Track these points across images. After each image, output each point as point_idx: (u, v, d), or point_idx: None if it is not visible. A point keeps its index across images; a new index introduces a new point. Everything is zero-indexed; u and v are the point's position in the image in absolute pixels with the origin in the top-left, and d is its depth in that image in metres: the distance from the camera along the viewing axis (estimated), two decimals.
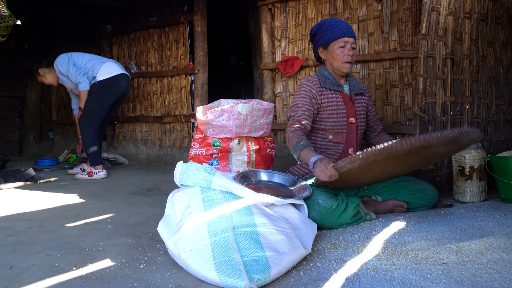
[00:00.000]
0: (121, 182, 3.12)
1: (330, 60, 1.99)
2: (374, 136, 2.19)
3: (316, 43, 2.04)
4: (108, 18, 4.63)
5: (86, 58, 3.43)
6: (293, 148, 1.77)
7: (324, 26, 1.99)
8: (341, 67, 1.96)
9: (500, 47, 2.42)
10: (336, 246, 1.44)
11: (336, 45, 1.94)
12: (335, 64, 1.97)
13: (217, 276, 1.11)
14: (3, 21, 3.18)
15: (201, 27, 3.80)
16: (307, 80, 2.00)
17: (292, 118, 1.92)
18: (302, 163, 2.02)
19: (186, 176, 1.70)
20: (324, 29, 1.98)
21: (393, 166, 1.58)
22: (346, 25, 1.97)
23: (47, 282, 1.19)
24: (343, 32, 1.93)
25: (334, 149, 1.98)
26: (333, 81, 2.00)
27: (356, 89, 2.07)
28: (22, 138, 5.22)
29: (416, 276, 1.14)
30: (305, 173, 2.00)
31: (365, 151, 1.43)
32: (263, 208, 1.49)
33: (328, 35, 1.95)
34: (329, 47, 1.97)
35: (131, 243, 1.55)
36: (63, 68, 3.36)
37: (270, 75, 3.44)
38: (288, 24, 3.35)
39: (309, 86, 1.96)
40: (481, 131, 2.35)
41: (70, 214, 2.06)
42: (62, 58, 3.38)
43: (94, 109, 3.32)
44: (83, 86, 3.31)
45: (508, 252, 1.28)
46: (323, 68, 2.04)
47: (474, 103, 2.32)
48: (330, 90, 1.99)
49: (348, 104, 2.00)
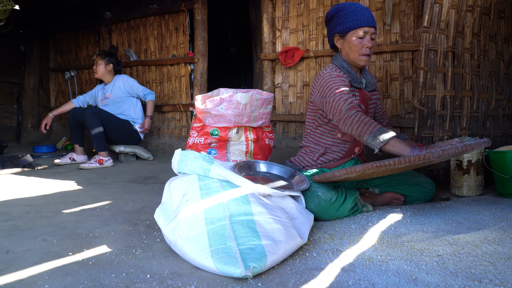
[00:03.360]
0: (119, 170, 3.12)
1: (347, 51, 1.83)
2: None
3: (331, 29, 1.86)
4: (107, 5, 4.59)
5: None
6: (374, 134, 1.55)
7: (342, 11, 1.80)
8: (358, 60, 1.82)
9: (502, 42, 2.40)
10: (332, 237, 1.45)
11: (355, 35, 1.78)
12: (352, 56, 1.82)
13: (213, 263, 1.12)
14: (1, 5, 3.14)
15: (202, 15, 3.77)
16: (335, 71, 1.80)
17: (350, 102, 1.66)
18: (306, 156, 1.97)
19: (184, 164, 1.70)
20: (343, 15, 1.79)
21: (393, 171, 1.58)
22: (367, 12, 1.78)
23: (43, 266, 1.19)
24: (364, 21, 1.75)
25: (341, 147, 1.92)
26: (355, 77, 1.85)
27: (371, 85, 1.96)
28: (20, 124, 5.20)
29: (411, 267, 1.15)
30: (306, 165, 1.98)
31: (365, 165, 1.42)
32: (260, 197, 1.49)
33: (346, 22, 1.77)
34: (346, 36, 1.81)
35: (128, 230, 1.56)
36: (129, 80, 3.67)
37: (270, 65, 3.42)
38: (289, 15, 3.32)
39: (342, 76, 1.80)
40: (480, 125, 2.35)
41: (67, 200, 2.06)
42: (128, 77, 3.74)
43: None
44: (152, 97, 3.62)
45: (503, 245, 1.29)
46: (340, 59, 1.87)
47: (474, 98, 2.31)
48: (351, 86, 1.85)
49: (364, 103, 1.89)
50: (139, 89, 3.62)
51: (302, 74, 3.28)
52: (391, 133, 1.57)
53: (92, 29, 4.69)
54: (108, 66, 3.62)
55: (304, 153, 2.02)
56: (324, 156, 1.94)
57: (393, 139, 1.54)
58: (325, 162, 1.94)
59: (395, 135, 1.57)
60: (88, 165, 3.21)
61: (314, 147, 1.97)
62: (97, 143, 3.30)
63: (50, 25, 5.25)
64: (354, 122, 1.61)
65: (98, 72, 3.63)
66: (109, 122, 3.40)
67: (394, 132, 1.60)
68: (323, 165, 1.94)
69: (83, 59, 4.95)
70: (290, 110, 3.36)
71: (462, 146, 1.36)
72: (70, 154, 3.50)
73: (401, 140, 1.55)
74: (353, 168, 1.45)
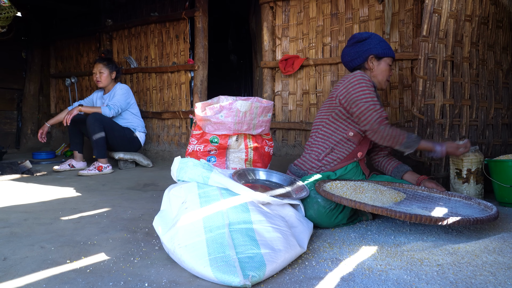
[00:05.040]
0: (118, 177, 3.11)
1: (377, 73, 2.03)
2: (384, 155, 2.16)
3: (367, 50, 2.01)
4: (108, 12, 4.62)
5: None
6: (406, 143, 1.82)
7: (376, 38, 2.03)
8: (383, 83, 2.06)
9: (500, 51, 2.42)
10: (332, 246, 1.44)
11: (387, 61, 2.03)
12: (380, 78, 2.04)
13: (211, 272, 1.11)
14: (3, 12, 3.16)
15: (202, 23, 3.79)
16: (367, 79, 1.93)
17: (380, 113, 1.86)
18: (309, 157, 2.03)
19: (183, 171, 1.70)
20: (378, 41, 2.02)
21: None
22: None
23: (41, 274, 1.18)
24: (393, 53, 2.05)
25: (346, 147, 1.99)
26: (376, 93, 2.00)
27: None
28: (20, 130, 5.20)
29: (411, 276, 1.14)
30: (312, 167, 2.01)
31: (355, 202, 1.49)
32: (259, 206, 1.49)
33: (384, 48, 2.01)
34: (381, 60, 2.02)
35: (126, 237, 1.55)
36: (122, 90, 3.56)
37: (270, 73, 3.43)
38: (290, 23, 3.34)
39: (372, 86, 1.94)
40: (479, 134, 2.35)
41: (66, 207, 2.06)
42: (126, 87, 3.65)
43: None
44: (105, 110, 3.39)
45: (503, 255, 1.29)
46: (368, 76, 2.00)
47: (473, 106, 2.32)
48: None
49: None
50: (115, 100, 3.48)
51: (301, 82, 3.29)
52: (416, 140, 1.84)
53: (93, 36, 4.72)
54: (112, 74, 3.59)
55: (308, 153, 2.05)
56: (329, 156, 1.99)
57: (420, 145, 1.84)
58: (329, 162, 1.99)
59: (419, 139, 1.85)
60: (87, 172, 3.20)
61: (321, 145, 2.01)
62: (98, 150, 3.29)
63: (52, 32, 5.28)
64: (385, 135, 1.85)
65: (103, 81, 3.55)
66: (111, 128, 3.39)
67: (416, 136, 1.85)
68: (327, 166, 1.98)
69: (84, 66, 4.97)
70: (290, 118, 3.37)
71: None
72: (69, 160, 3.49)
73: (425, 141, 1.88)
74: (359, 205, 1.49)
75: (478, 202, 1.74)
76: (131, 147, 3.60)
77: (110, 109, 3.41)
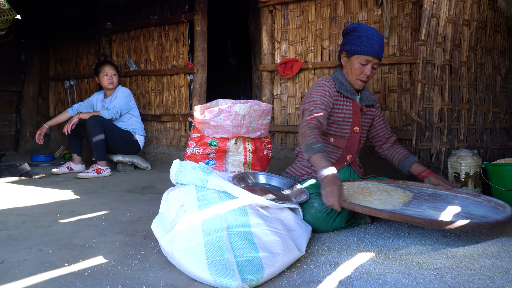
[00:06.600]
0: (117, 179, 3.11)
1: (347, 70, 1.94)
2: (387, 147, 2.11)
3: (342, 45, 1.95)
4: (108, 15, 4.63)
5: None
6: (307, 147, 1.62)
7: (357, 32, 1.87)
8: (353, 82, 1.94)
9: (498, 55, 2.43)
10: (330, 249, 1.44)
11: (358, 60, 1.86)
12: (350, 77, 1.94)
13: (209, 275, 1.11)
14: (3, 14, 3.17)
15: (202, 26, 3.80)
16: (325, 81, 1.95)
17: (310, 114, 1.80)
18: (300, 164, 2.03)
19: (182, 174, 1.70)
20: (355, 37, 1.86)
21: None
22: (378, 42, 1.84)
23: (38, 277, 1.18)
24: (371, 51, 1.83)
25: (333, 153, 1.98)
26: (348, 88, 1.96)
27: (367, 100, 2.04)
28: (19, 133, 5.19)
29: (409, 280, 1.14)
30: (302, 174, 2.00)
31: (370, 209, 1.42)
32: (258, 209, 1.49)
33: (356, 45, 1.85)
34: (351, 58, 1.89)
35: (125, 240, 1.55)
36: (123, 93, 3.59)
37: (269, 76, 3.44)
38: (289, 26, 3.35)
39: (327, 86, 1.92)
40: (478, 138, 2.36)
41: (64, 210, 2.05)
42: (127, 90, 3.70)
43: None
44: (105, 113, 3.42)
45: (501, 259, 1.29)
46: (339, 72, 1.99)
47: (471, 110, 2.33)
48: (343, 96, 1.96)
49: (356, 114, 1.98)
50: (115, 102, 3.51)
51: (300, 86, 3.30)
52: (317, 150, 1.59)
53: (93, 39, 4.72)
54: (117, 76, 3.66)
55: (299, 160, 2.07)
56: None
57: (311, 157, 1.60)
58: None
59: (319, 151, 1.59)
60: (86, 175, 3.19)
61: None
62: (97, 152, 3.29)
63: (51, 35, 5.28)
64: (301, 132, 1.72)
65: (115, 83, 3.62)
66: (111, 131, 3.39)
67: (323, 148, 1.61)
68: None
69: (83, 69, 4.98)
70: (289, 121, 3.37)
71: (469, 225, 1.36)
72: (68, 163, 3.49)
73: (318, 159, 1.57)
74: (360, 208, 1.44)
75: (488, 199, 1.69)
76: (131, 150, 3.60)
77: (109, 110, 3.42)
